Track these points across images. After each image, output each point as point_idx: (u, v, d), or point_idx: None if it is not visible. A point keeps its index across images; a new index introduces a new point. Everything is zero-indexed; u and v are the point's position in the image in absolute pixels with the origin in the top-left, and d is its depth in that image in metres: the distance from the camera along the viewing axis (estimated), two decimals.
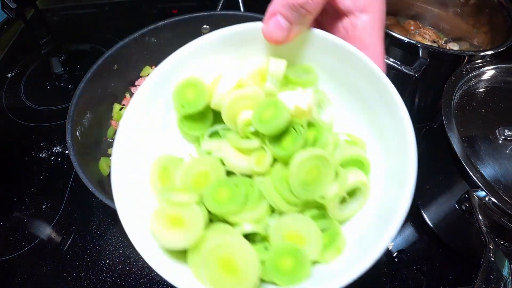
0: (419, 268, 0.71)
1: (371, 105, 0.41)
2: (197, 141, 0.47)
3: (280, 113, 0.38)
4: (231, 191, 0.39)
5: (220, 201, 0.38)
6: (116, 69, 0.93)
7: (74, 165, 0.69)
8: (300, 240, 0.38)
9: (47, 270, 0.72)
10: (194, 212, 0.37)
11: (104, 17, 1.33)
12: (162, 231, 0.36)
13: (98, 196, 0.65)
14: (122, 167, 0.39)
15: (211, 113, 0.46)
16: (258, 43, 0.43)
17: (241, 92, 0.41)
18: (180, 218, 0.37)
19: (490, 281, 0.50)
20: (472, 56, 0.74)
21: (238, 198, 0.38)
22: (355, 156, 0.41)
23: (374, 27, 0.39)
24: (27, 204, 0.82)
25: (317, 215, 0.41)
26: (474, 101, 0.68)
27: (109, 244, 0.75)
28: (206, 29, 1.00)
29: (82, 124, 0.81)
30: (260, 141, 0.41)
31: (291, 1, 0.36)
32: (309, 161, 0.38)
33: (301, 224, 0.39)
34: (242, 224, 0.39)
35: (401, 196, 0.35)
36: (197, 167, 0.41)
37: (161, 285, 0.69)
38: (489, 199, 0.56)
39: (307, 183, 0.38)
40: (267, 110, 0.39)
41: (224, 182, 0.40)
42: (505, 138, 0.62)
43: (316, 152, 0.37)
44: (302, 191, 0.38)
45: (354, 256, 0.38)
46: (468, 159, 0.59)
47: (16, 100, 1.05)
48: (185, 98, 0.44)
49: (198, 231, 0.37)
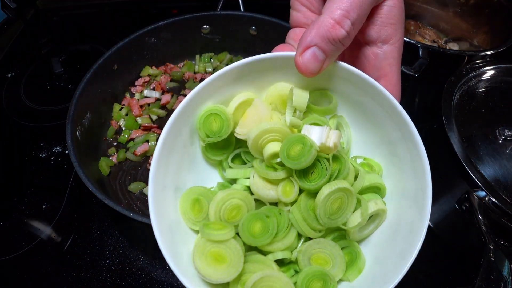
0: (419, 268, 0.71)
1: (386, 131, 0.44)
2: (220, 165, 0.50)
3: (308, 151, 0.40)
4: (263, 223, 0.42)
5: (255, 234, 0.42)
6: (116, 69, 0.93)
7: (74, 165, 0.69)
8: (325, 262, 0.43)
9: (47, 270, 0.72)
10: (234, 248, 0.40)
11: (104, 17, 1.33)
12: (207, 268, 0.40)
13: (98, 196, 0.65)
14: (157, 196, 0.42)
15: (234, 138, 0.48)
16: (282, 72, 0.44)
17: (267, 126, 0.43)
18: (221, 254, 0.40)
19: (490, 281, 0.50)
20: (472, 56, 0.74)
21: (270, 230, 0.42)
22: (374, 184, 0.44)
23: (394, 57, 0.41)
24: (27, 204, 0.82)
25: (337, 236, 0.45)
26: (474, 101, 0.68)
27: (109, 244, 0.75)
28: (206, 29, 1.00)
29: (82, 124, 0.81)
30: (287, 173, 0.43)
31: (332, 35, 0.36)
32: (334, 194, 0.40)
33: (326, 247, 0.43)
34: (275, 253, 0.43)
35: (420, 219, 0.38)
36: (230, 201, 0.44)
37: (161, 285, 0.69)
38: (489, 199, 0.56)
39: (332, 213, 0.41)
40: (295, 146, 0.41)
41: (257, 215, 0.43)
42: (505, 138, 0.62)
43: (341, 185, 0.40)
44: (327, 220, 0.41)
45: (375, 274, 0.41)
46: (468, 159, 0.59)
47: (16, 100, 1.05)
48: (210, 128, 0.45)
49: (239, 265, 0.40)
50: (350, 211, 0.41)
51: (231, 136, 0.47)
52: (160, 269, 0.71)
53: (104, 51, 0.90)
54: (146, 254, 0.74)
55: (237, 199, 0.44)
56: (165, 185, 0.43)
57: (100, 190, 0.66)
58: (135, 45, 0.94)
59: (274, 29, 0.95)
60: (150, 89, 0.99)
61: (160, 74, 1.02)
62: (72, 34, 1.26)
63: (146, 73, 1.01)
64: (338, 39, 0.37)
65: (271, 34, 0.97)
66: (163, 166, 0.43)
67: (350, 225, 0.41)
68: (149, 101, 0.96)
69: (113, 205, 0.63)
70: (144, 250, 0.74)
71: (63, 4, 1.39)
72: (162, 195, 0.43)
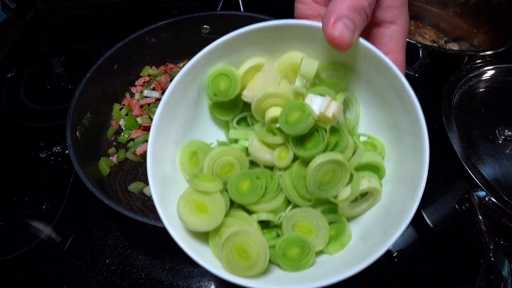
0: (419, 268, 0.71)
1: (395, 115, 0.43)
2: (226, 126, 0.51)
3: (305, 118, 0.40)
4: (252, 183, 0.43)
5: (241, 192, 0.43)
6: (116, 69, 0.93)
7: (74, 165, 0.69)
8: (309, 231, 0.43)
9: (47, 270, 0.72)
10: (218, 201, 0.42)
11: (104, 17, 1.33)
12: (189, 215, 0.41)
13: (98, 196, 0.65)
14: (157, 147, 0.43)
15: (242, 101, 0.48)
16: (299, 41, 0.44)
17: (271, 90, 0.43)
18: (204, 205, 0.42)
19: (490, 281, 0.50)
20: (472, 56, 0.74)
21: (257, 190, 0.43)
22: (372, 162, 0.44)
23: (400, 37, 0.43)
24: (27, 204, 0.82)
25: (327, 209, 0.45)
26: (474, 101, 0.68)
27: (109, 244, 0.75)
28: (206, 28, 1.00)
29: (82, 124, 0.81)
30: (284, 138, 0.44)
31: (358, 4, 0.37)
32: (327, 165, 0.40)
33: (312, 217, 0.43)
34: (259, 213, 0.43)
35: (411, 202, 0.38)
36: (224, 157, 0.45)
37: (161, 285, 0.69)
38: (489, 199, 0.56)
39: (322, 184, 0.41)
40: (294, 112, 0.41)
41: (247, 174, 0.44)
42: (505, 138, 0.62)
43: (335, 157, 0.40)
44: (316, 190, 0.41)
45: (358, 251, 0.41)
46: (468, 159, 0.59)
47: (16, 100, 1.05)
48: (218, 87, 0.46)
49: (219, 218, 0.41)
50: (341, 185, 0.41)
51: (239, 98, 0.48)
52: (160, 269, 0.71)
53: (104, 51, 0.89)
54: (146, 254, 0.74)
55: (231, 156, 0.45)
56: (167, 138, 0.45)
57: (100, 190, 0.66)
58: (135, 45, 0.94)
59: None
60: (150, 89, 0.99)
61: (160, 74, 1.02)
62: (72, 34, 1.26)
63: (146, 73, 1.01)
64: (363, 7, 0.37)
65: None
66: (167, 119, 0.44)
67: (340, 198, 0.41)
68: (149, 101, 0.96)
69: (113, 205, 0.63)
70: (144, 250, 0.74)
71: (63, 4, 1.39)
72: (162, 146, 0.44)
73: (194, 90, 0.47)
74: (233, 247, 0.40)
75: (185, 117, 0.47)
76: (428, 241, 0.75)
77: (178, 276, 0.70)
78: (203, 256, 0.40)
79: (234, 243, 0.40)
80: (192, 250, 0.40)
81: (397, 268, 0.71)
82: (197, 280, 0.70)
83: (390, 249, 0.74)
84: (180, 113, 0.46)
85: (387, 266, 0.71)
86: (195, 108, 0.48)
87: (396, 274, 0.70)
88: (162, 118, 0.43)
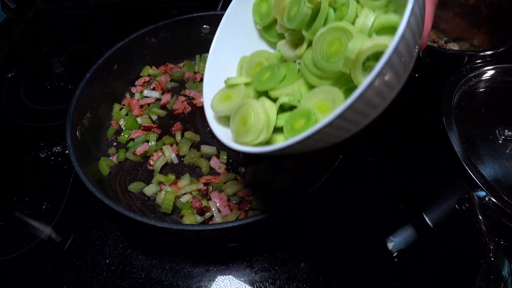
0: (419, 268, 0.71)
1: None
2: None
3: (301, 10, 0.46)
4: (272, 72, 0.50)
5: (262, 80, 0.51)
6: (116, 69, 0.93)
7: (74, 165, 0.69)
8: (326, 108, 0.45)
9: (47, 270, 0.72)
10: (239, 91, 0.51)
11: (104, 17, 1.33)
12: (217, 103, 0.52)
13: (98, 196, 0.65)
14: (218, 54, 0.57)
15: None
16: None
17: None
18: (230, 95, 0.52)
19: (490, 281, 0.50)
20: (472, 56, 0.74)
21: (276, 77, 0.49)
22: (387, 23, 0.42)
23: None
24: (27, 204, 0.82)
25: (349, 89, 0.45)
26: (474, 101, 0.68)
27: (109, 244, 0.75)
28: (206, 29, 1.00)
29: (82, 124, 0.81)
30: (303, 30, 0.50)
31: None
32: (329, 34, 0.43)
33: (329, 94, 0.45)
34: (280, 97, 0.49)
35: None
36: (256, 59, 0.56)
37: (161, 285, 0.69)
38: (489, 199, 0.56)
39: (329, 56, 0.43)
40: (293, 7, 0.49)
41: (269, 67, 0.52)
42: (505, 138, 0.62)
43: (334, 24, 0.43)
44: (325, 63, 0.44)
45: None
46: (468, 159, 0.59)
47: (16, 100, 1.05)
48: (260, 12, 0.57)
49: (237, 102, 0.50)
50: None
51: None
52: (160, 269, 0.71)
53: (104, 51, 0.89)
54: (146, 254, 0.74)
55: (261, 58, 0.55)
56: (228, 44, 0.57)
57: (100, 190, 0.66)
58: (135, 45, 0.94)
59: None
60: (150, 89, 0.99)
61: (160, 74, 1.02)
62: (72, 34, 1.26)
63: (146, 73, 1.01)
64: None
65: None
66: (230, 28, 0.57)
67: (349, 53, 0.40)
68: (149, 101, 0.96)
69: (113, 205, 0.63)
70: (144, 250, 0.74)
71: (63, 4, 1.39)
72: (221, 58, 0.57)
73: (249, 17, 0.59)
74: (239, 117, 0.48)
75: (246, 31, 0.59)
76: (428, 241, 0.75)
77: (178, 276, 0.70)
78: (226, 136, 0.49)
79: (240, 114, 0.48)
80: (219, 132, 0.50)
81: (397, 268, 0.71)
82: (197, 280, 0.70)
83: (390, 249, 0.74)
84: (240, 27, 0.58)
85: (387, 266, 0.71)
86: (252, 31, 0.60)
87: (396, 274, 0.70)
88: (227, 26, 0.56)
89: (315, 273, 0.70)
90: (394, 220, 0.78)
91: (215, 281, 0.70)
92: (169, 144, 0.87)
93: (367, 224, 0.77)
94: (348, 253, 0.73)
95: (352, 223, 0.77)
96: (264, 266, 0.71)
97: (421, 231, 0.76)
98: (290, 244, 0.74)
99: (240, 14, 0.58)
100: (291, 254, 0.73)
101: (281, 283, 0.69)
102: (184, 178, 0.79)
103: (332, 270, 0.70)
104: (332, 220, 0.78)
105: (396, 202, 0.80)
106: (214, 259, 0.72)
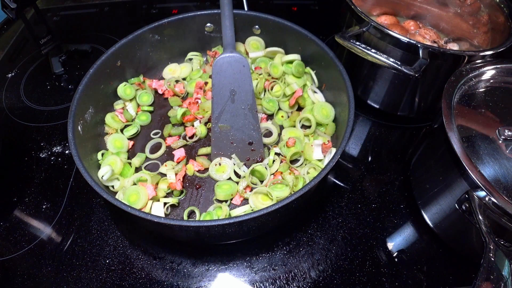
0: (419, 268, 0.71)
1: None
2: None
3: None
4: None
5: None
6: (119, 65, 0.93)
7: (75, 159, 0.69)
8: None
9: (47, 270, 0.72)
10: None
11: (104, 17, 1.33)
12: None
13: (97, 190, 0.64)
14: None
15: None
16: None
17: None
18: None
19: (490, 281, 0.50)
20: (472, 56, 0.73)
21: None
22: None
23: None
24: (27, 204, 0.82)
25: None
26: (474, 101, 0.68)
27: (109, 244, 0.75)
28: (209, 27, 1.00)
29: (84, 118, 0.81)
30: None
31: None
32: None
33: None
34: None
35: None
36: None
37: (161, 285, 0.69)
38: (489, 199, 0.56)
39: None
40: None
41: None
42: (505, 138, 0.62)
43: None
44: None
45: None
46: (468, 159, 0.59)
47: (16, 100, 1.05)
48: None
49: None
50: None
51: None
52: (160, 269, 0.71)
53: (104, 51, 0.89)
54: (146, 254, 0.74)
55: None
56: None
57: (100, 185, 0.66)
58: (138, 42, 0.94)
59: (277, 28, 0.95)
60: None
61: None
62: (72, 34, 1.26)
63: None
64: None
65: (274, 33, 0.97)
66: None
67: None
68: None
69: (112, 200, 0.63)
70: (144, 250, 0.74)
71: (63, 4, 1.39)
72: None
73: None
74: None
75: None
76: (428, 241, 0.75)
77: (178, 276, 0.70)
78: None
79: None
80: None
81: (397, 268, 0.71)
82: (197, 280, 0.70)
83: (390, 249, 0.74)
84: None
85: (387, 266, 0.71)
86: None
87: (396, 274, 0.70)
88: None
89: (315, 273, 0.70)
90: (394, 220, 0.78)
91: (215, 281, 0.70)
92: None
93: (367, 224, 0.77)
94: (348, 253, 0.73)
95: (352, 223, 0.77)
96: (264, 266, 0.71)
97: (421, 231, 0.76)
98: (290, 244, 0.74)
99: None
100: (291, 254, 0.73)
101: (281, 283, 0.69)
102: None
103: (332, 270, 0.70)
104: (332, 220, 0.78)
105: (396, 202, 0.80)
106: (214, 259, 0.72)
